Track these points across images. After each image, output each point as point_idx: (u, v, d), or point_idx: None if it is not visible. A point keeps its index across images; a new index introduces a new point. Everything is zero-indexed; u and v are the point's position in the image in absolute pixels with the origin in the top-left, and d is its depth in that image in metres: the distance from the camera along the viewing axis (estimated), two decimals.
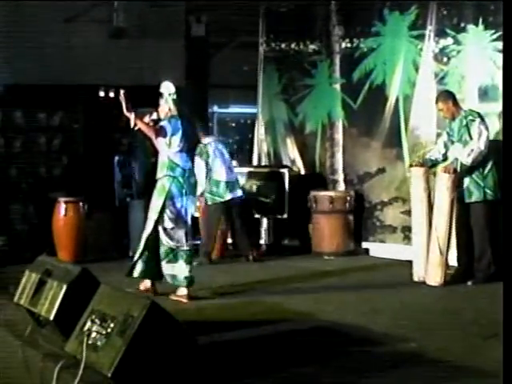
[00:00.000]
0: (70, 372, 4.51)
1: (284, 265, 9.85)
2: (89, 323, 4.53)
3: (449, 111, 8.07)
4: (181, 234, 7.36)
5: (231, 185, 9.95)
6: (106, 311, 4.48)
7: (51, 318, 5.01)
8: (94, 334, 4.44)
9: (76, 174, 11.40)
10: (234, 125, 17.02)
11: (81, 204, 10.12)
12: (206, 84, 13.48)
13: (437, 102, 8.24)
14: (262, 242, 11.14)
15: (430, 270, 7.83)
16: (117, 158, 11.50)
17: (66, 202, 10.05)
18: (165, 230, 7.32)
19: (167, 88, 7.55)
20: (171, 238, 7.33)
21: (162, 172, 7.33)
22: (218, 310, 6.91)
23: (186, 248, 7.38)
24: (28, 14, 11.41)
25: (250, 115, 14.89)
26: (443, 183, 7.74)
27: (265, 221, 11.18)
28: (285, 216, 10.94)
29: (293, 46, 11.82)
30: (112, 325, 4.36)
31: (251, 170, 11.47)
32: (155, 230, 7.32)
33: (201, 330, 5.31)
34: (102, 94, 12.17)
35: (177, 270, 7.35)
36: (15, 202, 11.15)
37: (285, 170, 11.12)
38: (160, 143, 7.40)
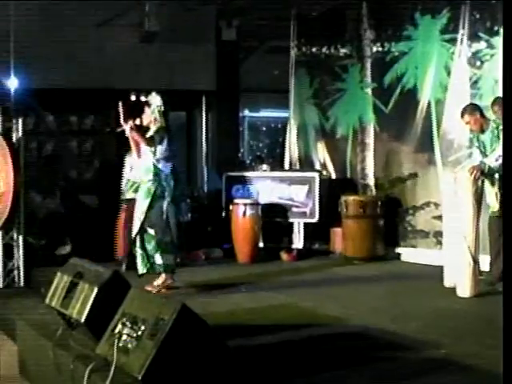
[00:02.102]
0: (100, 374, 4.52)
1: (314, 269, 9.83)
2: (120, 326, 4.54)
3: (476, 124, 7.81)
4: (166, 228, 8.03)
5: (137, 185, 9.82)
6: (137, 314, 4.49)
7: (82, 320, 5.03)
8: (124, 337, 4.45)
9: (107, 177, 11.46)
10: (264, 129, 17.01)
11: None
12: (237, 88, 13.51)
13: (462, 116, 7.91)
14: (293, 246, 11.14)
15: (460, 282, 7.59)
16: None
17: None
18: (151, 225, 7.96)
19: (156, 100, 8.09)
20: (158, 231, 7.96)
21: (147, 176, 7.98)
22: (248, 313, 6.90)
23: (168, 240, 8.06)
24: (60, 19, 11.50)
25: (280, 119, 14.89)
26: (467, 189, 7.57)
27: (296, 225, 11.18)
28: (315, 220, 10.94)
29: (324, 49, 11.81)
30: (143, 328, 4.37)
31: (282, 174, 11.48)
32: (142, 229, 7.93)
33: (231, 334, 5.31)
34: (133, 97, 12.23)
35: (165, 259, 8.00)
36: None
37: (316, 175, 11.11)
38: (145, 150, 7.99)
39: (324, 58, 11.89)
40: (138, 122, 8.07)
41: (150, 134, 7.97)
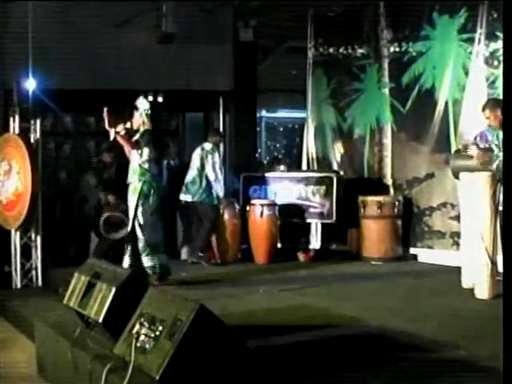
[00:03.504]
0: (118, 374, 4.53)
1: (332, 269, 9.82)
2: (137, 326, 4.55)
3: (496, 120, 7.75)
4: (153, 228, 8.34)
5: (185, 186, 10.40)
6: (155, 314, 4.50)
7: (100, 320, 5.04)
8: (142, 337, 4.46)
9: (125, 177, 11.49)
10: (281, 129, 17.02)
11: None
12: (254, 88, 13.51)
13: (484, 110, 7.91)
14: (310, 246, 11.13)
15: (478, 283, 7.53)
16: (165, 162, 11.56)
17: None
18: (140, 225, 8.26)
19: (142, 104, 8.50)
20: (145, 232, 8.26)
21: (133, 177, 8.37)
22: (265, 314, 6.91)
23: (158, 240, 8.37)
24: (78, 20, 11.55)
25: (297, 120, 14.90)
26: (483, 189, 7.51)
27: (313, 225, 11.16)
28: (333, 220, 10.92)
29: (341, 50, 11.78)
30: (160, 328, 4.38)
31: (300, 174, 11.46)
32: (133, 228, 8.24)
33: (248, 334, 5.31)
34: (150, 98, 12.26)
35: (155, 261, 8.31)
36: None
37: (333, 175, 11.09)
38: (132, 153, 8.38)
39: (341, 58, 11.86)
40: (128, 125, 8.44)
41: (135, 137, 8.35)
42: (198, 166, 10.36)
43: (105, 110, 8.22)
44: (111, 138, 8.34)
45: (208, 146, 10.46)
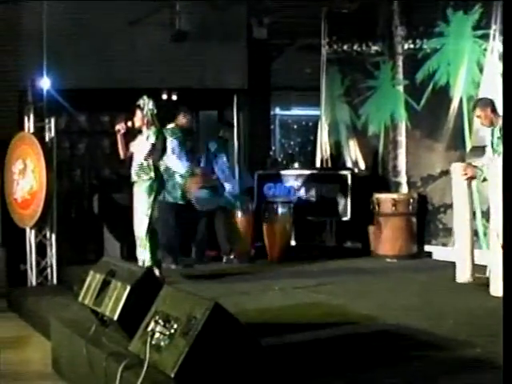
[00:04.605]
0: (133, 372, 4.55)
1: (346, 267, 9.79)
2: (152, 324, 4.57)
3: (487, 119, 7.66)
4: (160, 224, 8.85)
5: None
6: (170, 312, 4.51)
7: (115, 318, 5.06)
8: (157, 335, 4.47)
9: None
10: (295, 127, 16.98)
11: None
12: (268, 86, 13.50)
13: (474, 109, 7.85)
14: (324, 244, 11.11)
15: (493, 280, 7.44)
16: None
17: None
18: (155, 222, 8.52)
19: (147, 103, 8.47)
20: (158, 227, 8.65)
21: (146, 175, 8.34)
22: (279, 311, 6.90)
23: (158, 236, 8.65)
24: (91, 19, 11.58)
25: (311, 117, 14.85)
26: (498, 187, 7.38)
27: (328, 223, 11.14)
28: (347, 218, 10.90)
29: (355, 47, 11.77)
30: (175, 326, 4.38)
31: (314, 172, 11.45)
32: (150, 224, 8.29)
33: (262, 332, 5.30)
34: (164, 96, 12.27)
35: (160, 254, 8.70)
36: None
37: (347, 173, 11.08)
38: (142, 152, 8.37)
39: (355, 55, 11.84)
40: (129, 124, 8.47)
41: (151, 138, 8.34)
42: None
43: (121, 125, 8.42)
44: (130, 148, 8.46)
45: (213, 146, 10.30)
